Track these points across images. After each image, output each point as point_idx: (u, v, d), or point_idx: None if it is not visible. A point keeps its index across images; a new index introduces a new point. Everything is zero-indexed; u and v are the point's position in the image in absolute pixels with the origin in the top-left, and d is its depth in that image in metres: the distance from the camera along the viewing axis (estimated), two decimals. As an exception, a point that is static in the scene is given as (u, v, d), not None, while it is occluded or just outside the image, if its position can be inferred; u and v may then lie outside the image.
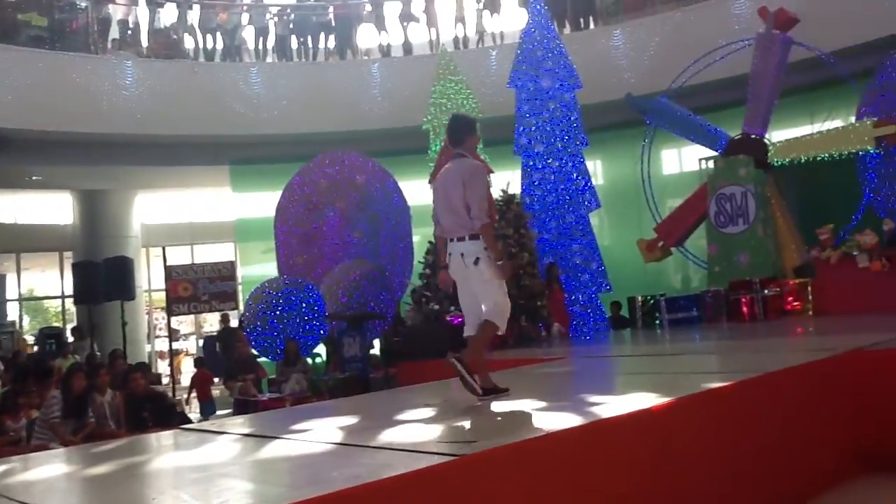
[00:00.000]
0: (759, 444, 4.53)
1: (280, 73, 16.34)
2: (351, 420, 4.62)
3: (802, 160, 12.52)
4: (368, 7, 17.05)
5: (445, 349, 10.06)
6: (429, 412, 4.62)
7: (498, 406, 4.45)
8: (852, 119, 12.46)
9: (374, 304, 12.41)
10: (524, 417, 3.98)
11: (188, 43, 16.48)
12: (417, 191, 14.91)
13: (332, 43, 17.05)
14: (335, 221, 13.93)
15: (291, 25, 16.94)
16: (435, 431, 3.71)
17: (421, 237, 13.57)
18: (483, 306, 4.93)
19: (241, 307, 14.66)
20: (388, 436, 3.72)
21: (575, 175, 13.60)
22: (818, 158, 12.32)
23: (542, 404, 4.43)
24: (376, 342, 12.84)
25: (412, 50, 16.95)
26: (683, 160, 15.56)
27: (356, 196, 14.01)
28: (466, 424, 3.80)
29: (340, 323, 11.97)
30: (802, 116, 14.03)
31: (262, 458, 3.59)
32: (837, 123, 13.10)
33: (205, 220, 19.11)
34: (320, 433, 4.11)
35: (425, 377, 7.75)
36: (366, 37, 17.23)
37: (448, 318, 10.99)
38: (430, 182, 14.24)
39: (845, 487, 4.96)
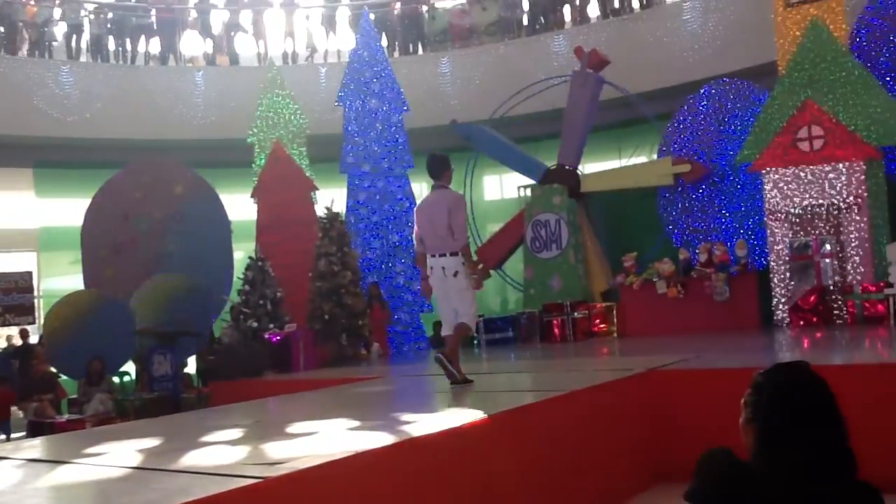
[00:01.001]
0: (563, 460, 4.74)
1: (94, 74, 15.37)
2: (153, 442, 4.38)
3: (611, 192, 13.37)
4: (194, 13, 16.46)
5: (263, 368, 9.93)
6: (238, 433, 4.47)
7: (310, 426, 4.38)
8: (654, 156, 13.47)
9: (188, 321, 11.89)
10: (335, 437, 3.94)
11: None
12: (239, 205, 14.49)
13: (153, 47, 16.29)
14: (149, 233, 13.25)
15: (109, 25, 16.01)
16: (241, 453, 3.58)
17: (243, 253, 13.16)
18: (458, 311, 6.00)
19: (41, 321, 13.57)
20: (191, 459, 3.55)
21: (400, 196, 13.77)
22: (625, 191, 13.21)
23: (355, 424, 4.40)
24: (192, 360, 12.31)
25: (238, 60, 16.53)
26: (504, 187, 16.16)
27: (173, 208, 13.40)
28: (275, 446, 3.70)
29: (152, 340, 11.37)
30: (611, 151, 15.01)
31: (44, 486, 3.31)
32: (642, 159, 14.12)
33: (3, 227, 17.53)
34: (117, 457, 3.86)
35: (241, 397, 7.51)
36: (190, 44, 16.60)
37: (267, 336, 10.74)
38: (252, 196, 13.91)
39: (639, 498, 5.29)
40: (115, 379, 11.40)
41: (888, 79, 10.81)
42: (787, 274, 10.60)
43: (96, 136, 14.66)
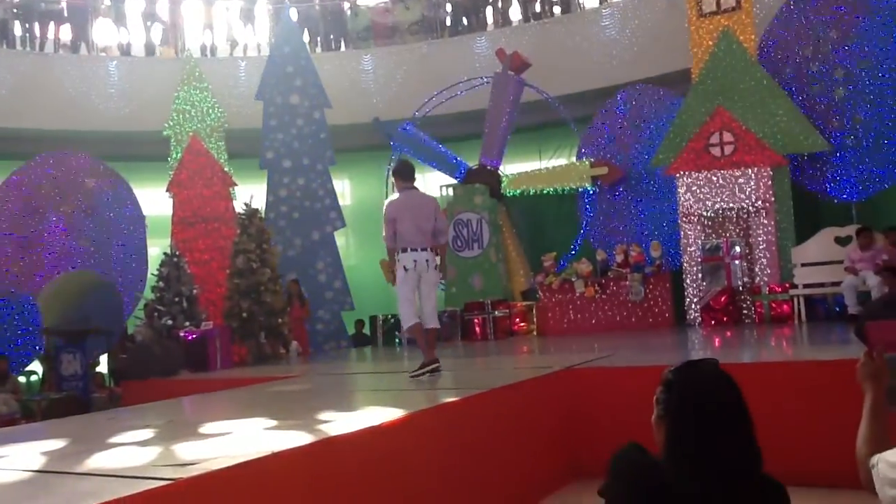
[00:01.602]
0: (483, 457, 4.78)
1: (-1, 61, 14.69)
2: (60, 444, 4.21)
3: (531, 192, 13.56)
4: (107, 1, 15.91)
5: (178, 367, 9.67)
6: (149, 434, 4.34)
7: (225, 426, 4.29)
8: (573, 158, 13.72)
9: (99, 319, 11.47)
10: (250, 437, 3.87)
11: None
12: (154, 199, 14.09)
13: (64, 34, 15.66)
14: (58, 227, 12.74)
15: (15, 10, 15.31)
16: (152, 454, 3.48)
17: (158, 249, 12.78)
18: (428, 303, 6.65)
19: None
20: (99, 460, 3.43)
21: (321, 193, 13.65)
22: (545, 192, 13.42)
23: (272, 423, 4.34)
24: (103, 359, 11.90)
25: (154, 51, 16.06)
26: (426, 185, 16.15)
27: (83, 201, 12.92)
28: (187, 446, 3.61)
29: (59, 338, 10.93)
30: (532, 152, 15.21)
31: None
32: (562, 161, 14.37)
33: None
34: (20, 459, 3.69)
35: (154, 397, 7.30)
36: (103, 32, 16.04)
37: (182, 334, 10.46)
38: (167, 190, 13.54)
39: (556, 495, 5.38)
40: (21, 378, 10.93)
41: (793, 89, 11.28)
42: (700, 275, 10.96)
43: (1, 126, 14.00)
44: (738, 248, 10.80)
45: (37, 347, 11.05)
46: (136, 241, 13.20)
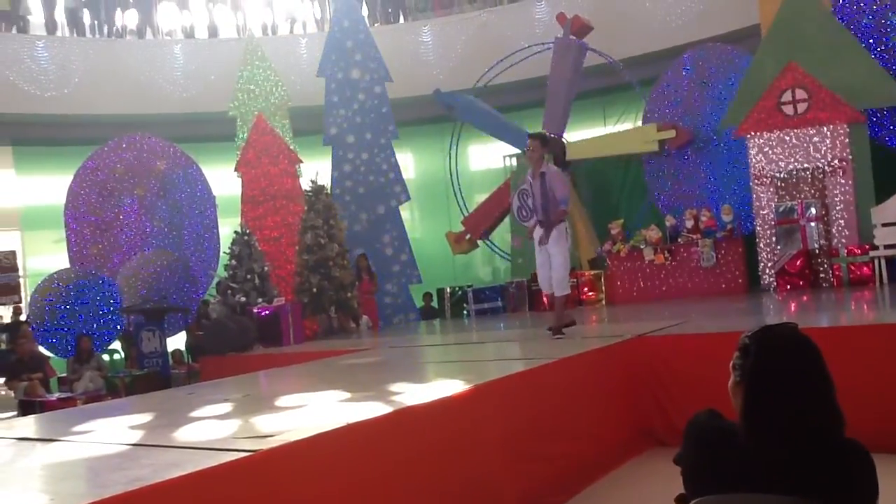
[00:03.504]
0: (555, 426, 4.77)
1: (72, 49, 15.10)
2: (144, 418, 4.37)
3: (596, 159, 13.34)
4: (170, -15, 16.19)
5: (252, 343, 9.91)
6: (227, 408, 4.46)
7: (300, 399, 4.38)
8: (639, 122, 13.44)
9: (175, 297, 11.85)
10: (326, 410, 3.94)
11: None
12: (223, 179, 14.37)
13: (129, 20, 16.02)
14: (133, 210, 13.14)
15: (84, -1, 15.72)
16: (232, 427, 3.58)
17: (229, 227, 13.06)
18: (555, 276, 6.93)
19: (27, 300, 13.47)
20: (181, 434, 3.55)
21: (385, 167, 13.69)
22: (610, 157, 13.19)
23: (346, 395, 4.40)
24: (181, 336, 12.29)
25: (217, 33, 16.29)
26: (489, 156, 16.09)
27: (156, 183, 13.28)
28: (265, 419, 3.70)
29: (139, 317, 11.32)
30: (597, 118, 14.97)
31: (35, 464, 3.30)
32: (627, 126, 14.09)
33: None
34: (108, 433, 3.85)
35: (230, 372, 7.51)
36: (167, 16, 16.34)
37: (255, 311, 10.70)
38: (236, 170, 13.80)
39: (632, 463, 5.34)
40: (105, 357, 11.36)
41: (871, 41, 10.79)
42: (774, 238, 10.65)
43: (75, 112, 14.46)
44: (813, 210, 10.44)
45: (118, 326, 11.45)
46: (207, 220, 13.52)
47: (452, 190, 15.20)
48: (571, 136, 13.89)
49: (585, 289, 12.23)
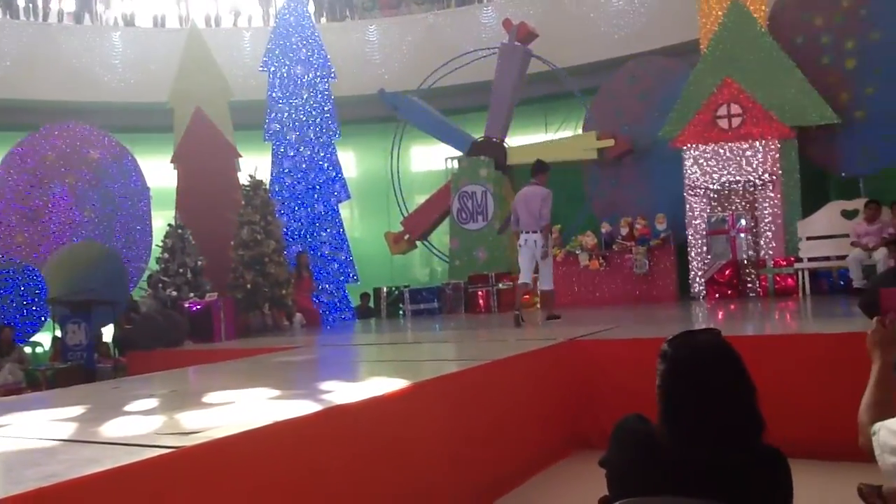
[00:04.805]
0: (486, 427, 4.79)
1: (3, 32, 14.60)
2: (64, 413, 4.23)
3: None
4: (110, -30, 15.80)
5: (182, 338, 9.70)
6: (153, 403, 4.36)
7: (229, 396, 4.31)
8: (580, 130, 13.63)
9: (104, 289, 11.52)
10: (254, 407, 3.88)
11: None
12: (159, 171, 14.05)
13: (67, 5, 15.56)
14: (63, 199, 12.75)
15: (18, -21, 15.23)
16: (156, 423, 3.50)
17: (163, 220, 12.77)
18: (542, 274, 8.53)
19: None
20: (103, 429, 3.45)
21: (326, 165, 13.60)
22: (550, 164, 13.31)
23: (275, 393, 4.35)
24: (110, 329, 11.96)
25: (162, 22, 15.95)
26: (431, 158, 16.12)
27: (88, 172, 12.92)
28: (191, 415, 3.63)
29: (64, 309, 10.99)
30: (538, 124, 15.13)
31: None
32: (568, 133, 14.28)
33: None
34: (24, 428, 3.72)
35: (159, 367, 7.33)
36: (107, 3, 15.92)
37: (186, 305, 10.49)
38: (172, 162, 13.51)
39: (560, 464, 5.40)
40: (27, 349, 11.00)
41: (803, 60, 11.13)
42: (705, 248, 10.92)
43: (6, 97, 13.97)
44: (743, 222, 10.75)
45: (42, 318, 11.10)
46: (140, 212, 13.21)
47: (393, 190, 15.19)
48: (513, 140, 14.01)
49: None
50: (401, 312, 12.88)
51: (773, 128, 10.65)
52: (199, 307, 10.19)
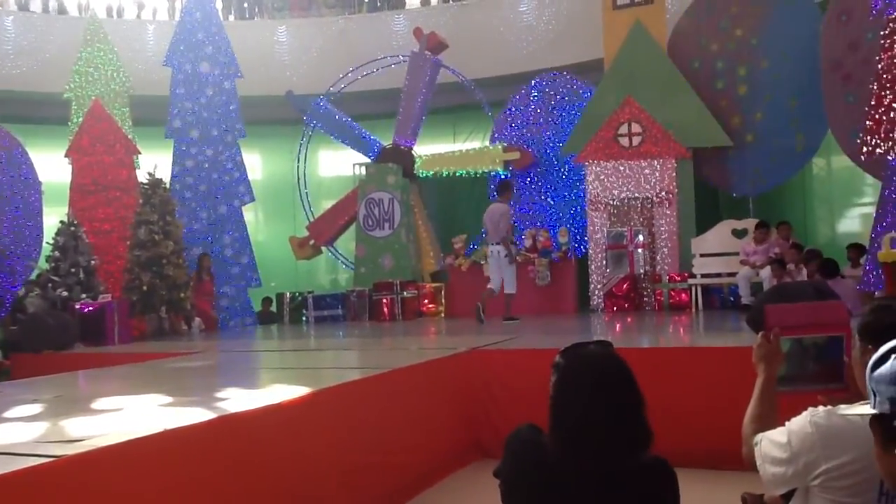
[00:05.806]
0: (385, 436, 4.78)
1: None
2: (-64, 419, 3.99)
3: (444, 174, 13.59)
4: (5, -48, 15.04)
5: (72, 341, 9.29)
6: (36, 409, 4.17)
7: (118, 402, 4.16)
8: (487, 142, 13.81)
9: (-13, 288, 10.95)
10: (144, 414, 3.76)
11: None
12: (52, 165, 13.42)
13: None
14: (-56, 191, 12.03)
15: None
16: (38, 430, 3.34)
17: (56, 217, 12.19)
18: (505, 280, 9.71)
19: None
20: (-21, 436, 3.27)
21: (230, 166, 13.29)
22: (457, 174, 13.47)
23: (168, 400, 4.23)
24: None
25: (65, 9, 15.27)
26: (339, 163, 15.99)
27: (-27, 165, 12.22)
28: (76, 422, 3.48)
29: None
30: (447, 134, 15.24)
31: None
32: (475, 144, 14.44)
33: None
34: None
35: (46, 370, 7.00)
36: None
37: (78, 307, 10.06)
38: (66, 156, 12.93)
39: (457, 474, 5.44)
40: None
41: (699, 83, 11.61)
42: (604, 262, 11.23)
43: None
44: (641, 237, 11.11)
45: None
46: (30, 207, 12.56)
47: (299, 194, 15.00)
48: (422, 149, 14.06)
49: (426, 301, 12.39)
50: (304, 319, 12.70)
51: (671, 147, 11.07)
52: (91, 309, 9.80)
